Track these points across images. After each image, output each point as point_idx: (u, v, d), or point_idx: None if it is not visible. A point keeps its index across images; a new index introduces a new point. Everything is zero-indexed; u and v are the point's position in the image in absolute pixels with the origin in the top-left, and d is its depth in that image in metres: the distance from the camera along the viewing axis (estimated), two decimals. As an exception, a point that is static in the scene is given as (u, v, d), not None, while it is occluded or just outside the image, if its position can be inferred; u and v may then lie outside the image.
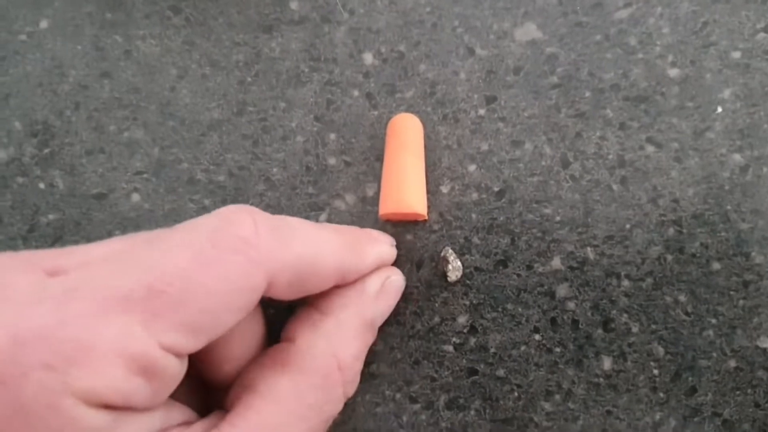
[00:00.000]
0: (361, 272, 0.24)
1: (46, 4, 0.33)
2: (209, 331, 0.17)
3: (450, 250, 0.29)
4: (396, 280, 0.27)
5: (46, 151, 0.32)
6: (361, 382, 0.29)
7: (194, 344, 0.16)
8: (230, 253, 0.17)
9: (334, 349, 0.21)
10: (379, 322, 0.26)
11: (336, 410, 0.22)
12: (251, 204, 0.31)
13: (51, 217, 0.31)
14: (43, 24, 0.33)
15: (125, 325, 0.15)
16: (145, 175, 0.31)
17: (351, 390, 0.23)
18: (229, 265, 0.17)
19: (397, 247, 0.30)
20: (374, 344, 0.29)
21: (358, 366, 0.23)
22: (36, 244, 0.31)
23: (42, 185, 0.31)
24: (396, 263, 0.30)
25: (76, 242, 0.31)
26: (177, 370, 0.16)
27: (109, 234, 0.31)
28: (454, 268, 0.29)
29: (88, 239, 0.31)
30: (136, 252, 0.17)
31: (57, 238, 0.31)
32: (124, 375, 0.15)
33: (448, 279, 0.29)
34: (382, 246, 0.26)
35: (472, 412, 0.29)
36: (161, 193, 0.31)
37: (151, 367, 0.15)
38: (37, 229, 0.31)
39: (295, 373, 0.20)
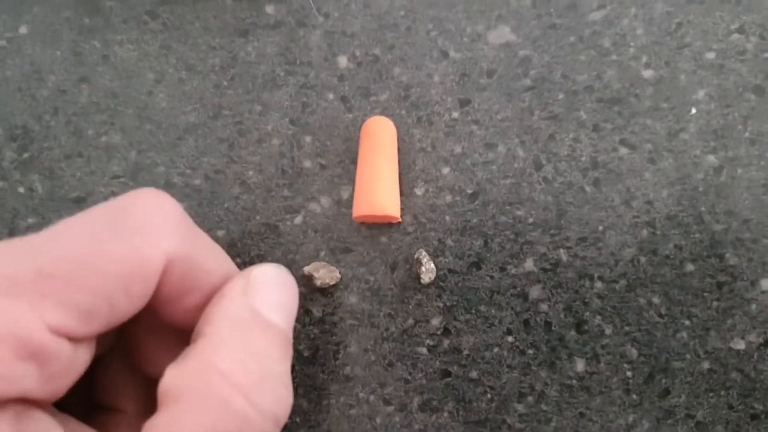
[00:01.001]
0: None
1: (26, 10, 0.33)
2: (103, 315, 0.15)
3: (424, 253, 0.29)
4: (264, 270, 0.21)
5: (26, 155, 0.31)
6: (335, 384, 0.28)
7: (87, 328, 0.15)
8: (127, 234, 0.16)
9: (211, 363, 0.19)
10: (274, 316, 0.18)
11: None
12: (227, 207, 0.30)
13: (30, 221, 0.31)
14: (23, 29, 0.33)
15: (11, 306, 0.14)
16: (122, 179, 0.31)
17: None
18: (125, 247, 0.15)
19: (371, 249, 0.29)
20: (348, 346, 0.29)
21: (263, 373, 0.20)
22: (15, 247, 0.30)
23: (21, 189, 0.31)
24: (370, 265, 0.29)
25: (54, 245, 0.30)
26: (70, 355, 0.15)
27: (87, 237, 0.30)
28: (428, 270, 0.28)
29: (67, 242, 0.30)
30: (34, 237, 0.16)
31: (36, 242, 0.30)
32: (9, 358, 0.14)
33: (422, 281, 0.28)
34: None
35: (446, 414, 0.28)
36: (138, 197, 0.31)
37: (40, 352, 0.15)
38: (17, 233, 0.31)
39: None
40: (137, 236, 0.16)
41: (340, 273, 0.29)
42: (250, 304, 0.20)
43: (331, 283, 0.29)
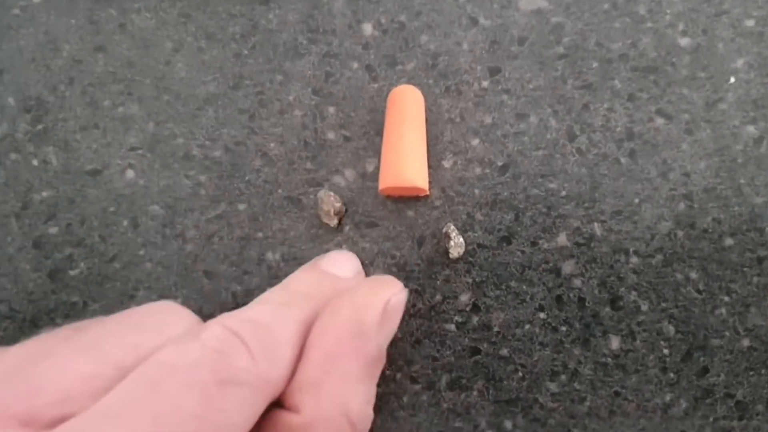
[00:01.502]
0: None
1: (40, -22, 0.31)
2: None
3: (452, 227, 0.27)
4: (399, 300, 0.22)
5: (40, 127, 0.30)
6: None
7: None
8: (235, 387, 0.16)
9: (343, 409, 0.19)
10: (386, 346, 0.22)
11: None
12: (248, 180, 0.29)
13: (44, 194, 0.30)
14: (36, -3, 0.31)
15: None
16: (139, 151, 0.30)
17: (366, 430, 0.21)
18: (237, 400, 0.16)
19: (398, 223, 0.28)
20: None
21: (371, 408, 0.21)
22: (29, 221, 0.29)
23: (35, 162, 0.30)
24: (396, 240, 0.28)
25: (69, 219, 0.29)
26: None
27: (104, 211, 0.29)
28: (456, 245, 0.27)
29: (83, 216, 0.29)
30: (147, 395, 0.16)
31: (50, 216, 0.29)
32: None
33: (450, 256, 0.27)
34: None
35: (475, 393, 0.27)
36: (156, 169, 0.29)
37: None
38: (31, 206, 0.29)
39: None
40: (243, 386, 0.17)
41: (344, 204, 0.28)
42: (380, 343, 0.21)
43: (339, 208, 0.28)
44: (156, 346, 0.17)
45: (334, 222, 0.28)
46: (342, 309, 0.21)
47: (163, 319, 0.20)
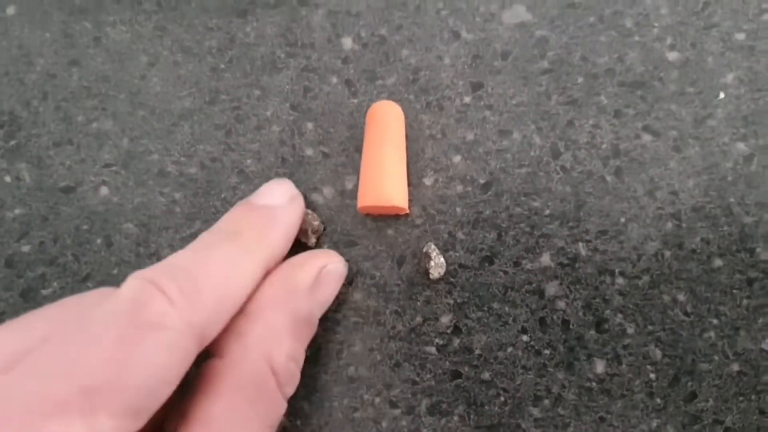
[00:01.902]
0: (278, 260, 0.22)
1: (14, -10, 0.31)
2: (150, 407, 0.16)
3: (433, 246, 0.26)
4: (334, 269, 0.24)
5: (12, 142, 0.29)
6: (338, 385, 0.26)
7: (138, 423, 0.16)
8: (152, 330, 0.17)
9: (265, 356, 0.20)
10: (318, 314, 0.23)
11: (279, 414, 0.20)
12: (224, 198, 0.28)
13: (17, 211, 0.29)
14: (10, 10, 0.30)
15: (67, 428, 0.14)
16: (114, 168, 0.29)
17: (291, 389, 0.21)
18: (156, 343, 0.16)
19: (377, 242, 0.27)
20: (352, 345, 0.27)
21: (294, 365, 0.21)
22: (1, 239, 0.28)
23: (8, 178, 0.29)
24: (376, 260, 0.27)
25: (42, 237, 0.28)
26: None
27: (77, 229, 0.28)
28: (437, 265, 0.26)
29: (56, 234, 0.28)
30: (61, 348, 0.16)
31: (23, 234, 0.28)
32: None
33: (431, 276, 0.26)
34: (280, 220, 0.23)
35: (456, 418, 0.26)
36: (130, 186, 0.28)
37: None
38: (3, 224, 0.29)
39: (229, 394, 0.19)
40: (162, 329, 0.17)
41: (322, 222, 0.27)
42: (311, 307, 0.22)
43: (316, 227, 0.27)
44: None
45: (311, 241, 0.27)
46: (279, 269, 0.22)
47: (99, 299, 0.20)
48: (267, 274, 0.22)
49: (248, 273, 0.20)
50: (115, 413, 0.15)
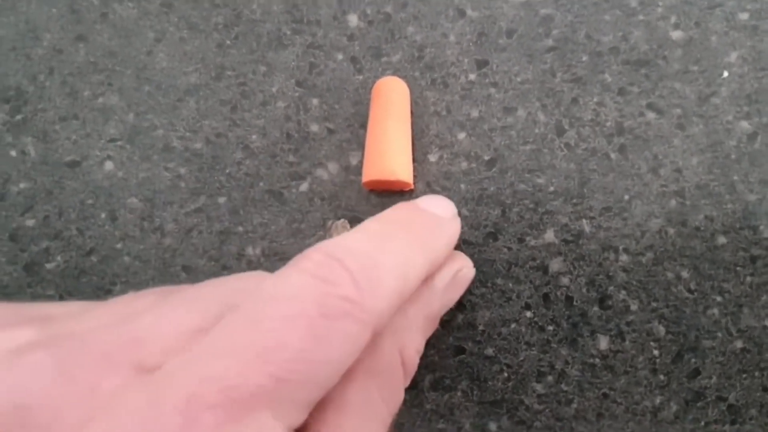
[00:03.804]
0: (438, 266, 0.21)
1: (21, -34, 0.30)
2: (320, 397, 0.15)
3: None
4: (467, 273, 0.23)
5: (18, 117, 0.29)
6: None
7: (305, 416, 0.15)
8: (340, 319, 0.15)
9: (399, 346, 0.19)
10: (442, 314, 0.22)
11: (400, 404, 0.19)
12: (228, 173, 0.27)
13: (22, 185, 0.28)
14: (18, -14, 0.30)
15: (258, 422, 0.13)
16: (119, 142, 0.28)
17: (408, 382, 0.20)
18: (342, 334, 0.15)
19: (381, 217, 0.27)
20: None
21: (418, 359, 0.20)
22: (6, 213, 0.28)
23: (13, 152, 0.28)
24: (379, 235, 0.26)
25: (47, 212, 0.27)
26: None
27: (82, 203, 0.27)
28: (441, 240, 0.25)
29: (60, 208, 0.27)
30: (249, 329, 0.14)
31: (28, 208, 0.28)
32: None
33: (435, 251, 0.25)
34: (447, 229, 0.22)
35: (459, 393, 0.25)
36: (135, 161, 0.28)
37: None
38: (8, 198, 0.28)
39: (363, 378, 0.17)
40: (348, 318, 0.15)
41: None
42: (441, 306, 0.21)
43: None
44: None
45: None
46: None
47: (256, 277, 0.18)
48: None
49: (419, 270, 0.19)
50: (300, 405, 0.14)
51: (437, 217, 0.21)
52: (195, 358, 0.13)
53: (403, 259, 0.18)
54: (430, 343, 0.25)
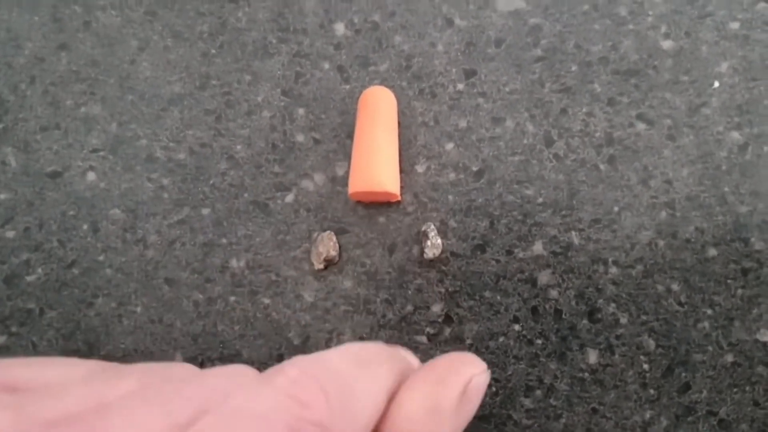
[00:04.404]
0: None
1: (3, -27, 0.29)
2: None
3: (432, 226, 0.25)
4: (480, 381, 0.20)
5: (-1, 126, 0.28)
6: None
7: None
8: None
9: None
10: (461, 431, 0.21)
11: None
12: (212, 184, 0.27)
13: (2, 196, 0.27)
14: (-1, -7, 0.29)
15: None
16: (101, 153, 0.27)
17: None
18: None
19: (368, 230, 0.26)
20: (342, 334, 0.25)
21: None
22: (-15, 224, 0.27)
23: (-6, 163, 0.28)
24: (367, 247, 0.26)
25: (28, 223, 0.27)
26: None
27: (63, 215, 0.27)
28: (433, 245, 0.25)
29: (41, 220, 0.27)
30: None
31: (8, 219, 0.27)
32: None
33: (425, 256, 0.25)
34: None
35: (446, 409, 0.25)
36: (118, 172, 0.27)
37: None
38: (-12, 209, 0.27)
39: None
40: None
41: (339, 255, 0.26)
42: (455, 428, 0.19)
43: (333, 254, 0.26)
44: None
45: (320, 265, 0.25)
46: (418, 384, 0.19)
47: (236, 381, 0.18)
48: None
49: (388, 395, 0.18)
50: None
51: (410, 360, 0.20)
52: None
53: (380, 389, 0.17)
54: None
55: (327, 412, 0.15)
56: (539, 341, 0.25)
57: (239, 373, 0.19)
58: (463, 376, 0.19)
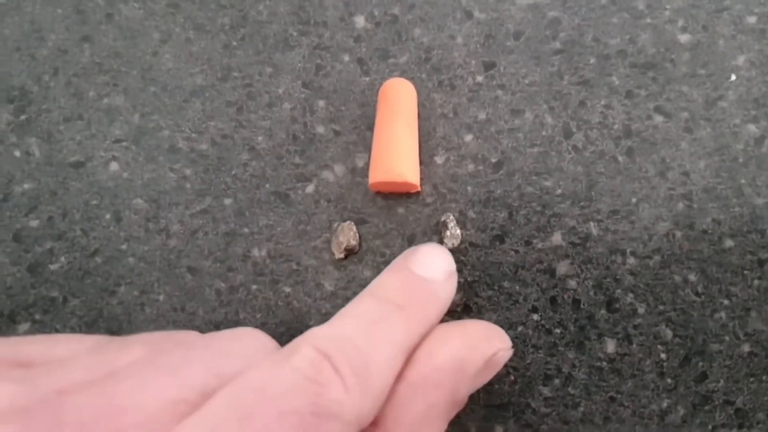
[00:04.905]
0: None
1: (26, -34, 0.30)
2: None
3: (451, 216, 0.25)
4: (503, 356, 0.21)
5: (23, 117, 0.28)
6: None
7: None
8: (330, 420, 0.15)
9: None
10: (470, 393, 0.21)
11: None
12: (234, 174, 0.27)
13: (26, 186, 0.27)
14: (23, -14, 0.29)
15: None
16: (124, 143, 0.28)
17: None
18: None
19: (388, 220, 0.26)
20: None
21: None
22: (10, 213, 0.27)
23: (17, 153, 0.28)
24: (386, 237, 0.26)
25: (51, 212, 0.27)
26: None
27: (86, 204, 0.27)
28: (452, 236, 0.25)
29: (64, 209, 0.27)
30: (230, 422, 0.14)
31: (32, 208, 0.27)
32: None
33: (444, 246, 0.25)
34: (442, 296, 0.21)
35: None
36: (140, 162, 0.27)
37: None
38: (11, 198, 0.27)
39: None
40: (335, 419, 0.16)
41: (359, 244, 0.26)
42: (469, 390, 0.21)
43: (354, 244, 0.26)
44: (239, 372, 0.16)
45: (340, 255, 0.26)
46: (452, 341, 0.20)
47: (245, 346, 0.18)
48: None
49: (407, 353, 0.18)
50: None
51: (433, 287, 0.20)
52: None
53: (393, 346, 0.18)
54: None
55: (343, 390, 0.15)
56: (557, 330, 0.25)
57: (248, 336, 0.19)
58: (492, 348, 0.20)
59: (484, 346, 0.20)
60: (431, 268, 0.20)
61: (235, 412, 0.14)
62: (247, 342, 0.18)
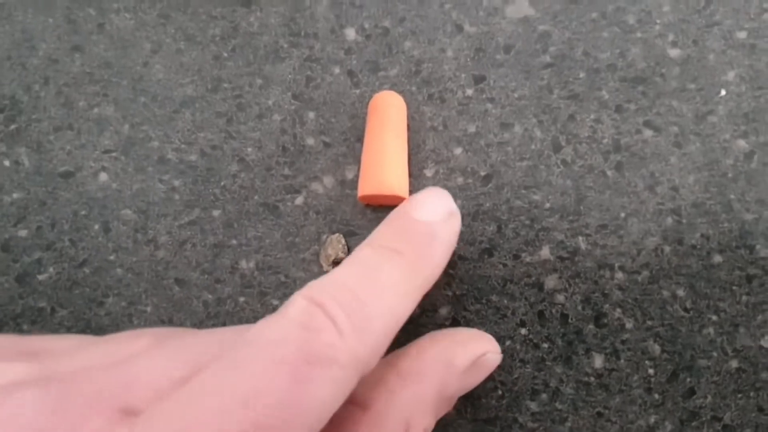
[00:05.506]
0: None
1: (18, -25, 0.29)
2: None
3: None
4: (492, 359, 0.22)
5: (13, 127, 0.28)
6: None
7: None
8: (324, 365, 0.15)
9: (406, 422, 0.18)
10: (459, 395, 0.21)
11: None
12: (223, 185, 0.27)
13: (15, 196, 0.27)
14: (14, -5, 0.29)
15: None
16: (113, 154, 0.27)
17: None
18: (326, 380, 0.15)
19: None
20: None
21: None
22: (-2, 223, 0.27)
23: (7, 162, 0.28)
24: (374, 250, 0.26)
25: (40, 222, 0.27)
26: None
27: (75, 214, 0.27)
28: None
29: (53, 219, 0.27)
30: (220, 375, 0.14)
31: (20, 218, 0.27)
32: None
33: (430, 267, 0.25)
34: (444, 237, 0.20)
35: (453, 411, 0.25)
36: (130, 173, 0.27)
37: None
38: (1, 208, 0.27)
39: None
40: (332, 365, 0.15)
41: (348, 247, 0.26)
42: (457, 389, 0.21)
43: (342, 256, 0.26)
44: None
45: (329, 267, 0.25)
46: (442, 341, 0.21)
47: (245, 329, 0.18)
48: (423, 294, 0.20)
49: (411, 298, 0.18)
50: None
51: (432, 228, 0.20)
52: (177, 403, 0.13)
53: (391, 292, 0.17)
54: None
55: (336, 334, 0.15)
56: (545, 345, 0.25)
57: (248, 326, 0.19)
58: (480, 348, 0.21)
59: (472, 345, 0.21)
60: (429, 210, 0.20)
61: (231, 365, 0.14)
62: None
